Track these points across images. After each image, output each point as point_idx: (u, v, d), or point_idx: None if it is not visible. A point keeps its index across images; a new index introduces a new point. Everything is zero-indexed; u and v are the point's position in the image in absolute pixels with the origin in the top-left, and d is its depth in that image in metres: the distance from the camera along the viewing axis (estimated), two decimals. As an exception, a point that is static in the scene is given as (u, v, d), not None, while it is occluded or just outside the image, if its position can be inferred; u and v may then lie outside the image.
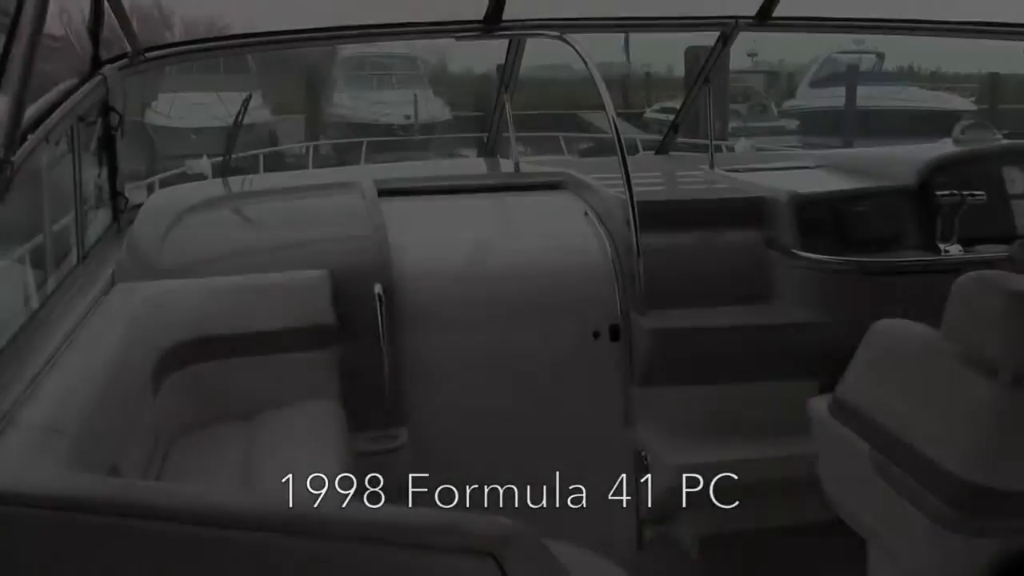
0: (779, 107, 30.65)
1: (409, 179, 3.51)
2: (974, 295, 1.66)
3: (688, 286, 2.86)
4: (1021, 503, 1.66)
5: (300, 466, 2.09)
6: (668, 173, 3.80)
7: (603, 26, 3.78)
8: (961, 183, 2.92)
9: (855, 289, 2.78)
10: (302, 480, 2.01)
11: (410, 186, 3.40)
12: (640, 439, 2.86)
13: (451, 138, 22.54)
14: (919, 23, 3.92)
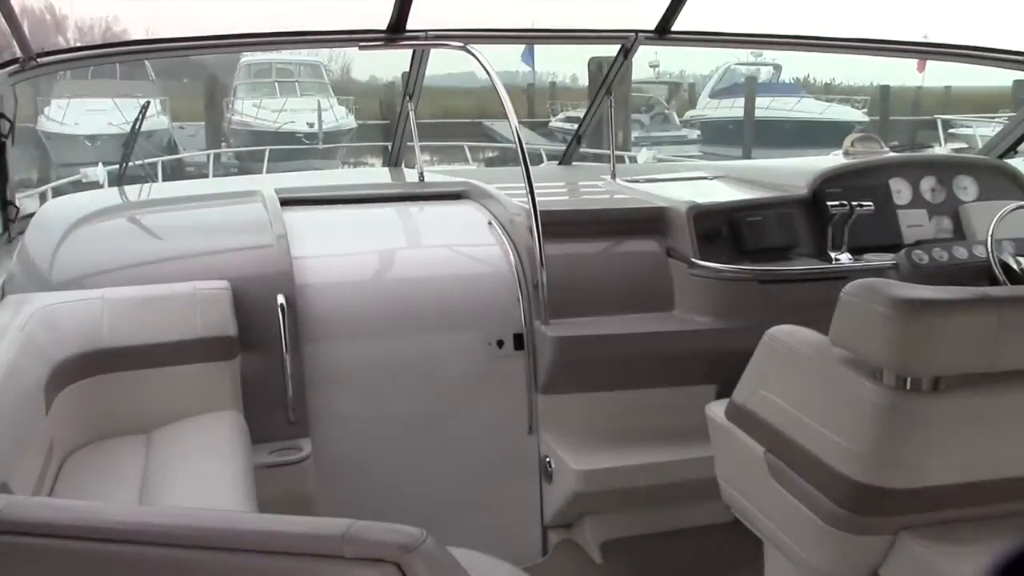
0: (681, 117, 31.25)
1: (312, 188, 3.48)
2: (858, 302, 1.72)
3: (590, 295, 2.90)
4: (907, 500, 1.73)
5: (200, 480, 2.06)
6: (571, 183, 3.85)
7: (506, 37, 3.81)
8: (850, 194, 3.03)
9: (751, 296, 2.86)
10: (202, 494, 1.98)
11: (313, 195, 3.38)
12: (544, 446, 2.89)
13: (357, 147, 22.39)
14: (812, 40, 4.04)
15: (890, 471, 1.69)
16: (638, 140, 24.51)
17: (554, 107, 31.46)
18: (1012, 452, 1.73)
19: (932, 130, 17.81)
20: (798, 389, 1.93)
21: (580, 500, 2.78)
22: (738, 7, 32.76)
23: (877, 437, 1.68)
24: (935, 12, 42.85)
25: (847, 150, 3.43)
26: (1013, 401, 1.70)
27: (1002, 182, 3.29)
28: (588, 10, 22.68)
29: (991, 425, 1.71)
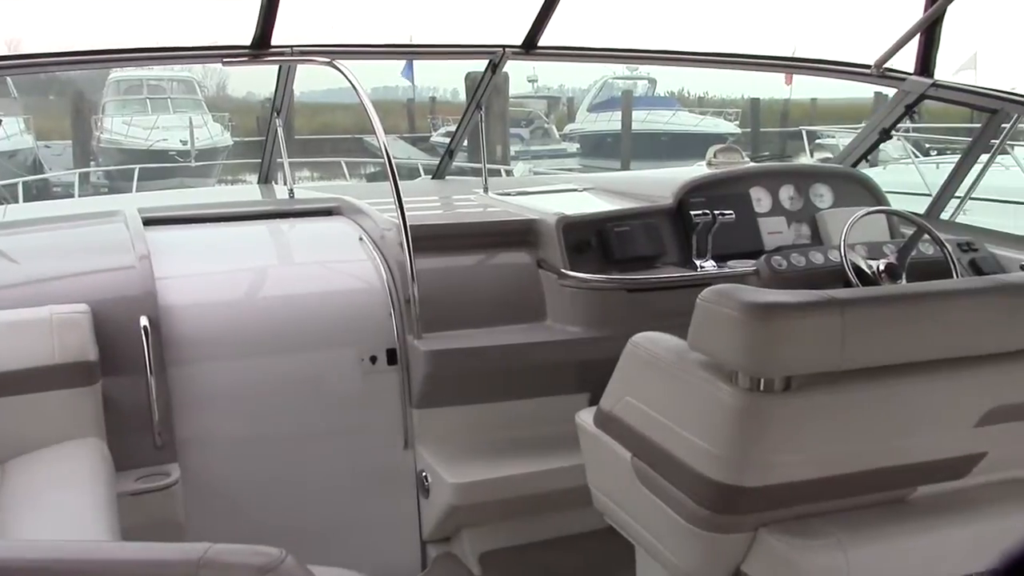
0: (560, 131, 31.70)
1: (178, 207, 3.40)
2: (713, 307, 1.78)
3: (463, 308, 2.92)
4: (764, 498, 1.79)
5: (57, 511, 1.98)
6: (443, 197, 3.86)
7: (376, 53, 3.80)
8: (713, 203, 3.12)
9: (620, 305, 2.92)
10: (59, 525, 1.90)
11: (178, 214, 3.30)
12: (420, 460, 2.89)
13: (233, 164, 21.98)
14: (682, 54, 4.15)
15: (747, 470, 1.74)
16: (518, 154, 24.76)
17: (435, 122, 31.55)
18: (860, 447, 1.81)
19: (799, 140, 18.48)
20: (660, 394, 1.98)
21: (457, 513, 2.78)
22: (612, 22, 33.22)
23: (733, 438, 1.74)
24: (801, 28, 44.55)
25: (710, 161, 3.54)
26: (860, 398, 1.77)
27: (855, 189, 3.44)
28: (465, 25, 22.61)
29: (840, 422, 1.78)
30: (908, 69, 3.64)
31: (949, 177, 3.78)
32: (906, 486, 1.89)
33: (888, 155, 14.48)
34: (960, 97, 3.57)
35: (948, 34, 3.58)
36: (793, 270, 2.99)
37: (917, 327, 1.79)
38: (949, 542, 1.83)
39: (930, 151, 13.94)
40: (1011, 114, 3.52)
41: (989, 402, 1.85)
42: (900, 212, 3.22)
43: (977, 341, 1.84)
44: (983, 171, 3.79)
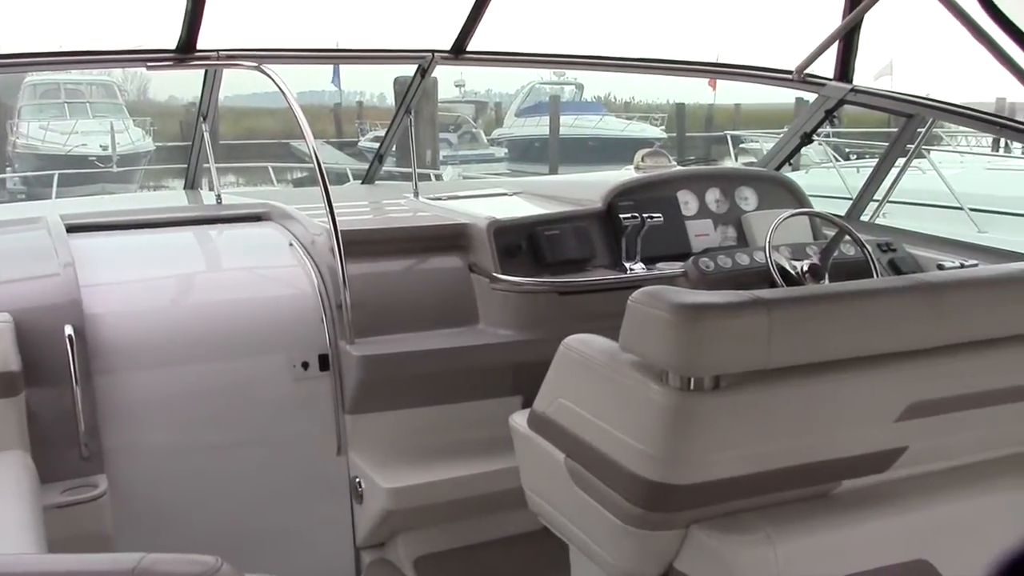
0: (489, 135, 31.76)
1: (103, 213, 3.34)
2: (643, 308, 1.81)
3: (395, 312, 2.91)
4: (695, 495, 1.82)
5: None
6: (373, 202, 3.85)
7: (304, 57, 3.78)
8: (642, 207, 3.17)
9: (551, 308, 2.95)
10: None
11: (103, 221, 3.24)
12: (353, 466, 2.87)
13: (156, 169, 21.59)
14: (609, 60, 4.20)
15: (678, 468, 1.78)
16: (447, 159, 24.76)
17: (362, 127, 31.37)
18: (787, 443, 1.85)
19: (724, 145, 18.81)
20: (593, 395, 2.00)
21: (391, 518, 2.78)
22: (540, 28, 33.36)
23: (665, 437, 1.77)
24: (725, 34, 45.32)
25: (638, 165, 3.59)
26: (786, 396, 1.82)
27: (779, 192, 3.52)
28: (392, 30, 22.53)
29: (768, 419, 1.82)
30: (828, 75, 3.74)
31: (868, 180, 3.89)
32: (831, 480, 1.94)
33: (810, 159, 14.82)
34: (877, 102, 3.67)
35: (866, 40, 3.69)
36: (720, 271, 3.04)
37: (840, 325, 1.85)
38: (873, 533, 1.89)
39: (850, 155, 14.30)
40: (926, 119, 3.64)
41: (909, 398, 1.91)
42: (822, 214, 3.31)
43: (897, 338, 1.90)
44: (900, 174, 3.91)
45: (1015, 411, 2.05)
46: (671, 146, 29.09)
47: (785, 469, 1.86)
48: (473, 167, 24.64)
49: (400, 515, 2.77)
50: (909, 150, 3.88)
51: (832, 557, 1.84)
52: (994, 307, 1.99)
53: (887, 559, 1.88)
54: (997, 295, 2.00)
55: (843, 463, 1.92)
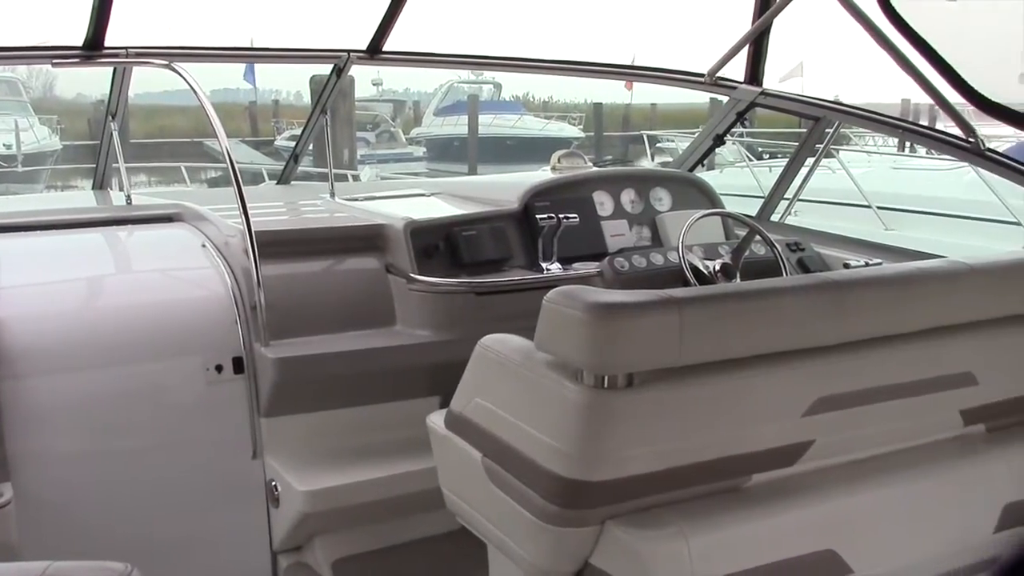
0: (407, 135, 31.61)
1: (7, 215, 3.24)
2: (558, 308, 1.83)
3: (311, 314, 2.89)
4: (610, 491, 1.85)
5: None
6: (289, 203, 3.82)
7: (217, 56, 3.72)
8: (558, 207, 3.20)
9: (469, 308, 2.96)
10: None
11: (7, 222, 3.15)
12: (269, 470, 2.84)
13: (63, 169, 20.99)
14: (526, 61, 4.23)
15: (592, 465, 1.80)
16: (364, 158, 24.57)
17: (279, 125, 30.96)
18: (699, 439, 1.89)
19: (641, 145, 19.03)
20: (509, 394, 2.02)
21: (308, 521, 2.76)
22: (458, 27, 33.33)
23: (579, 434, 1.79)
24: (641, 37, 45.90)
25: (554, 166, 3.62)
26: (698, 393, 1.86)
27: (692, 193, 3.59)
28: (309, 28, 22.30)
29: (680, 416, 1.86)
30: (739, 78, 3.81)
31: (777, 181, 3.99)
32: (742, 475, 1.99)
33: (725, 159, 15.09)
34: (786, 105, 3.76)
35: (778, 42, 3.78)
36: (635, 271, 3.09)
37: (749, 323, 1.89)
38: (782, 526, 1.94)
39: (763, 155, 14.60)
40: (832, 121, 3.74)
41: (815, 393, 1.97)
42: (733, 214, 3.38)
43: (803, 335, 1.96)
44: (808, 175, 4.01)
45: (917, 405, 2.13)
46: (589, 145, 29.36)
47: (697, 464, 1.90)
48: (391, 166, 24.50)
49: (317, 518, 2.75)
50: (817, 151, 3.99)
51: (743, 550, 1.89)
52: (896, 304, 2.06)
53: (796, 550, 1.93)
54: (899, 293, 2.08)
55: (753, 457, 1.97)
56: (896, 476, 2.10)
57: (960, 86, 2.68)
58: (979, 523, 2.18)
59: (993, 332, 2.19)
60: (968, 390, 2.19)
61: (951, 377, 2.15)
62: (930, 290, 2.11)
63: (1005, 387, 2.26)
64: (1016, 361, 2.27)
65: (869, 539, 2.02)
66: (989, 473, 2.20)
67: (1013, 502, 2.20)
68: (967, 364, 2.17)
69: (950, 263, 2.19)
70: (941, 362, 2.14)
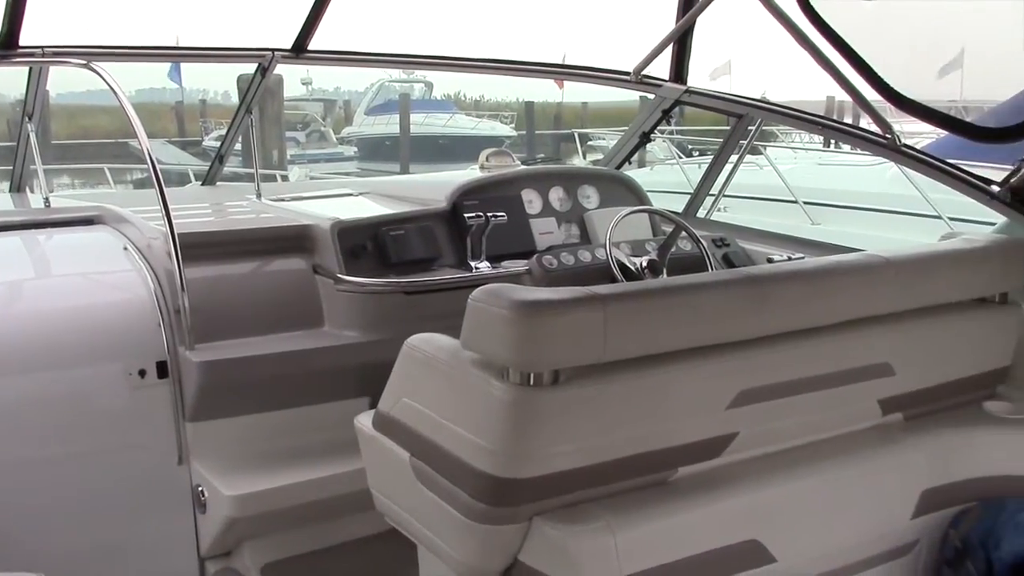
0: (338, 134, 31.37)
1: None
2: (483, 306, 1.83)
3: (237, 316, 2.86)
4: (537, 488, 1.86)
5: None
6: (215, 204, 3.76)
7: (138, 55, 3.65)
8: (486, 206, 3.20)
9: (397, 308, 2.95)
10: None
11: None
12: (196, 475, 2.80)
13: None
14: (454, 60, 4.21)
15: (519, 462, 1.81)
16: (294, 158, 24.33)
17: (206, 126, 30.49)
18: (625, 434, 1.91)
19: (573, 143, 19.14)
20: (436, 393, 2.02)
21: (236, 526, 2.72)
22: (387, 25, 33.09)
23: (506, 432, 1.80)
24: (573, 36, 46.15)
25: (482, 164, 3.63)
26: (623, 388, 1.88)
27: (620, 190, 3.62)
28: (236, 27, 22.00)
29: (606, 411, 1.87)
30: (666, 76, 3.86)
31: (703, 178, 4.04)
32: (668, 468, 2.01)
33: (655, 156, 15.24)
34: (710, 103, 3.81)
35: (706, 40, 3.82)
36: (563, 268, 3.10)
37: (672, 319, 1.92)
38: (708, 517, 1.97)
39: (692, 152, 14.78)
40: (755, 118, 3.80)
41: (739, 386, 2.00)
42: (659, 211, 3.41)
43: (726, 329, 1.99)
44: (733, 171, 4.07)
45: (837, 395, 2.18)
46: (521, 144, 29.42)
47: (624, 459, 1.92)
48: (322, 166, 24.29)
49: (245, 522, 2.72)
50: (742, 147, 4.05)
51: (670, 542, 1.91)
52: (816, 298, 2.11)
53: (721, 541, 1.97)
54: (818, 286, 2.12)
55: (679, 451, 2.00)
56: (818, 466, 2.14)
57: (877, 84, 2.74)
58: (898, 509, 2.23)
59: (909, 323, 2.25)
60: (886, 380, 2.24)
61: (869, 368, 2.21)
62: (848, 283, 2.16)
63: (921, 377, 2.33)
64: (931, 351, 2.33)
65: (792, 528, 2.07)
66: (907, 461, 2.26)
67: (930, 488, 2.27)
68: (885, 355, 2.23)
69: (868, 256, 2.24)
70: (860, 353, 2.19)
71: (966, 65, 4.04)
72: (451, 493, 1.92)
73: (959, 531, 2.28)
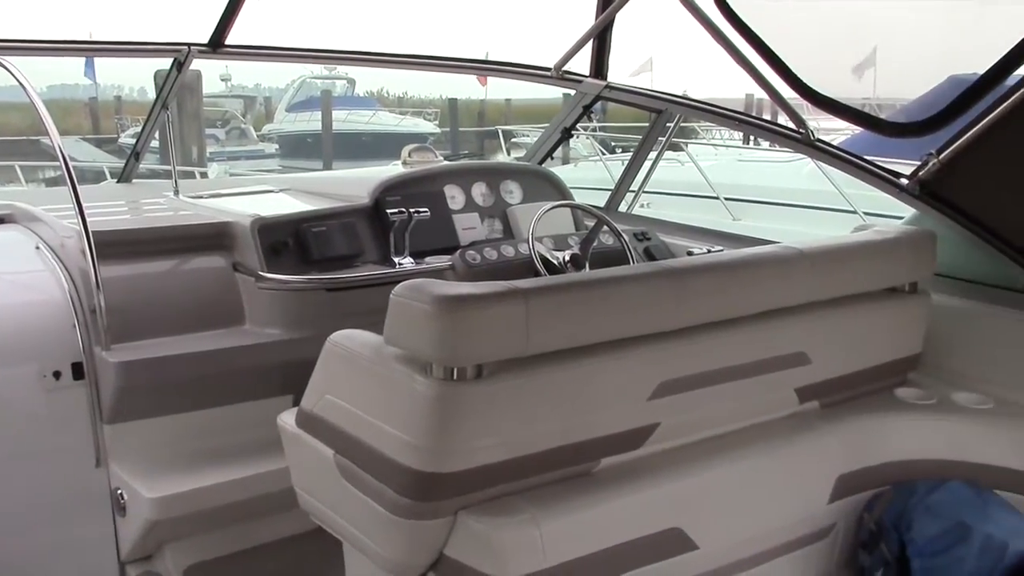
0: (259, 131, 30.94)
1: None
2: (405, 301, 1.83)
3: (156, 316, 2.81)
4: (462, 482, 1.87)
5: None
6: (131, 202, 3.68)
7: (47, 49, 3.54)
8: (409, 201, 3.19)
9: (320, 305, 2.92)
10: None
11: None
12: (115, 478, 2.75)
13: None
14: (375, 56, 4.18)
15: (444, 457, 1.81)
16: (214, 155, 23.91)
17: (122, 122, 29.82)
18: (548, 427, 1.93)
19: (497, 139, 19.19)
20: (359, 390, 2.01)
21: (157, 528, 2.67)
22: (308, 21, 32.70)
23: (430, 426, 1.80)
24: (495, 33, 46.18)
25: (405, 160, 3.63)
26: (546, 381, 1.89)
27: (542, 185, 3.64)
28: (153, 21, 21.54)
29: (529, 404, 1.89)
30: (586, 72, 3.88)
31: (623, 173, 4.09)
32: (591, 459, 2.04)
33: (579, 153, 15.35)
34: (629, 98, 3.86)
35: (628, 38, 3.85)
36: (486, 263, 3.11)
37: (593, 311, 1.94)
38: (630, 507, 2.00)
39: (616, 149, 14.92)
40: (674, 114, 3.86)
41: (659, 377, 2.04)
42: (581, 205, 3.44)
43: (646, 321, 2.02)
44: (653, 166, 4.13)
45: (755, 385, 2.22)
46: (445, 141, 29.38)
47: (547, 451, 1.94)
48: (243, 164, 23.95)
49: (167, 525, 2.67)
50: (661, 143, 4.10)
51: (594, 532, 1.94)
52: (733, 289, 2.15)
53: (644, 530, 1.99)
54: (735, 278, 2.17)
55: (601, 442, 2.02)
56: (737, 454, 2.19)
57: (792, 81, 2.80)
58: (815, 495, 2.29)
59: (823, 313, 2.31)
60: (802, 369, 2.30)
61: (786, 357, 2.26)
62: (764, 275, 2.21)
63: (836, 365, 2.39)
64: (845, 340, 2.40)
65: (713, 515, 2.11)
66: (823, 447, 2.32)
67: (845, 473, 2.33)
68: (800, 344, 2.28)
69: (783, 249, 2.30)
70: (776, 343, 2.25)
71: (879, 63, 4.15)
72: (376, 489, 1.91)
73: (873, 514, 2.35)
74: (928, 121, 2.44)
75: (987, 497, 2.29)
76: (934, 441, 2.41)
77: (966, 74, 2.46)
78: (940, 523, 2.23)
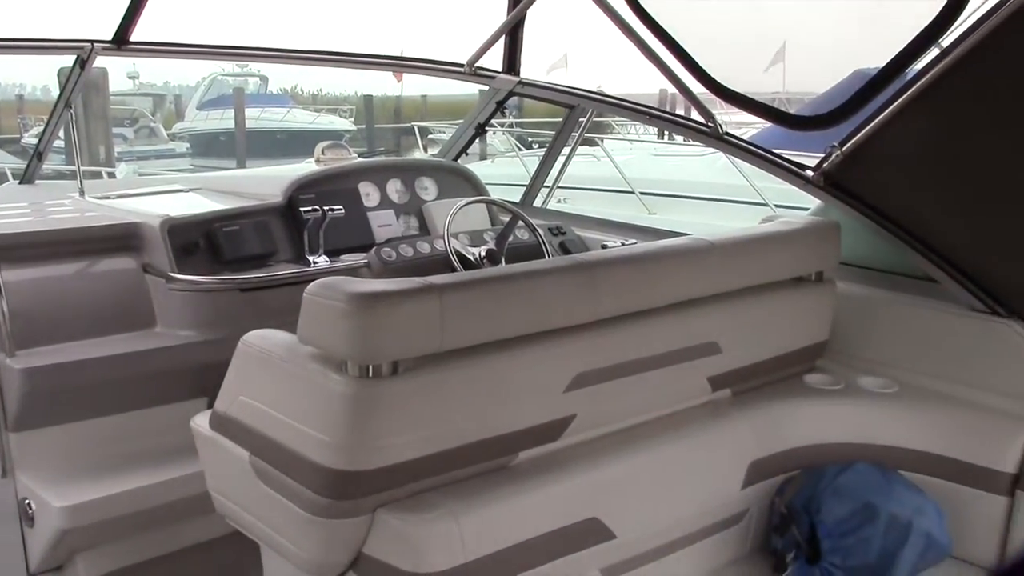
0: (169, 130, 30.27)
1: None
2: (319, 300, 1.82)
3: (64, 320, 2.73)
4: (380, 480, 1.86)
5: None
6: (34, 203, 3.58)
7: None
8: (323, 199, 3.17)
9: (234, 306, 2.88)
10: None
11: None
12: (22, 488, 2.67)
13: None
14: (287, 52, 4.12)
15: (361, 455, 1.81)
16: (122, 155, 23.31)
17: (25, 122, 28.88)
18: (466, 422, 1.93)
19: (413, 136, 19.10)
20: (274, 390, 1.99)
21: (68, 538, 2.61)
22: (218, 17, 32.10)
23: (346, 425, 1.79)
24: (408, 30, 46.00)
25: (318, 158, 3.59)
26: (462, 376, 1.90)
27: (458, 181, 3.64)
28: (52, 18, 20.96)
29: (446, 400, 1.89)
30: (499, 68, 3.89)
31: (538, 168, 4.12)
32: (509, 453, 2.05)
33: (496, 149, 15.36)
34: (542, 94, 3.88)
35: (542, 34, 3.86)
36: (402, 260, 3.11)
37: (508, 306, 1.95)
38: (549, 499, 2.02)
39: (532, 144, 14.98)
40: (586, 109, 3.89)
41: (575, 369, 2.06)
42: (496, 201, 3.46)
43: (561, 315, 2.04)
44: (567, 161, 4.16)
45: (668, 375, 2.26)
46: (361, 138, 29.11)
47: (465, 446, 1.94)
48: (153, 164, 23.42)
49: (78, 534, 2.61)
50: (574, 139, 4.14)
51: (513, 525, 1.95)
52: (645, 281, 2.19)
53: (562, 521, 2.02)
54: (647, 270, 2.20)
55: (519, 435, 2.04)
56: (652, 443, 2.22)
57: (700, 76, 2.84)
58: (728, 481, 2.34)
59: (733, 303, 2.36)
60: (714, 358, 2.35)
61: (698, 347, 2.31)
62: (676, 266, 2.25)
63: (746, 353, 2.45)
64: (755, 329, 2.46)
65: (630, 504, 2.14)
66: (736, 434, 2.37)
67: (757, 459, 2.39)
68: (712, 334, 2.33)
69: (694, 240, 2.34)
70: (688, 333, 2.29)
71: (788, 59, 4.24)
72: (292, 490, 1.90)
73: (784, 498, 2.41)
74: (832, 114, 2.50)
75: (892, 477, 2.37)
76: (842, 425, 2.48)
77: (871, 68, 2.53)
78: (848, 505, 2.30)
